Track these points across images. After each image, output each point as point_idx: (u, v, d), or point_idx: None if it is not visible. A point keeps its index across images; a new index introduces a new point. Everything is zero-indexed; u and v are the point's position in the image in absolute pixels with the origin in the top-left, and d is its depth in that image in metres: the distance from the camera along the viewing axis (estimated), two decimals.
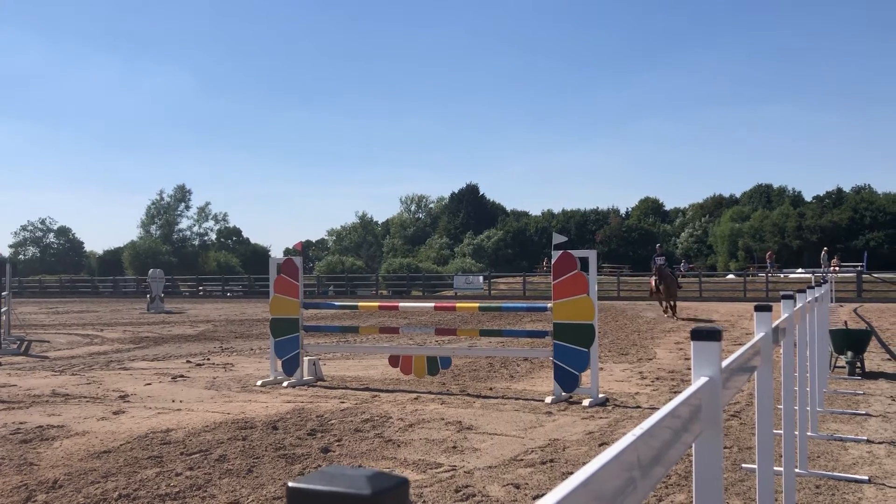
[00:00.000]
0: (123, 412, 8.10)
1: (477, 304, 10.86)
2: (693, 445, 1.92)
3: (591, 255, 8.78)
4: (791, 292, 5.13)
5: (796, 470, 4.96)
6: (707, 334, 1.97)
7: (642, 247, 75.00)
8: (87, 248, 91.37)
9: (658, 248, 24.13)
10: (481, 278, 46.15)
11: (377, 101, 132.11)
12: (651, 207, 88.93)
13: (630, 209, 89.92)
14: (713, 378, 1.96)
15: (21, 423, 7.54)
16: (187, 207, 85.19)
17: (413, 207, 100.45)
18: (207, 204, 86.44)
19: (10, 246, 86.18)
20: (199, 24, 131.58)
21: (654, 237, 77.39)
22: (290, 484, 0.60)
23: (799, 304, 5.41)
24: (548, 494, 0.96)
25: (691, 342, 2.00)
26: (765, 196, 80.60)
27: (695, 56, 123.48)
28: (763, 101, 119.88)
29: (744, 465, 5.58)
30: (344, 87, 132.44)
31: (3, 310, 15.14)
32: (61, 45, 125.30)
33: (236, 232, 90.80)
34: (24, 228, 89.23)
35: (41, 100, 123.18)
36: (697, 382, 1.91)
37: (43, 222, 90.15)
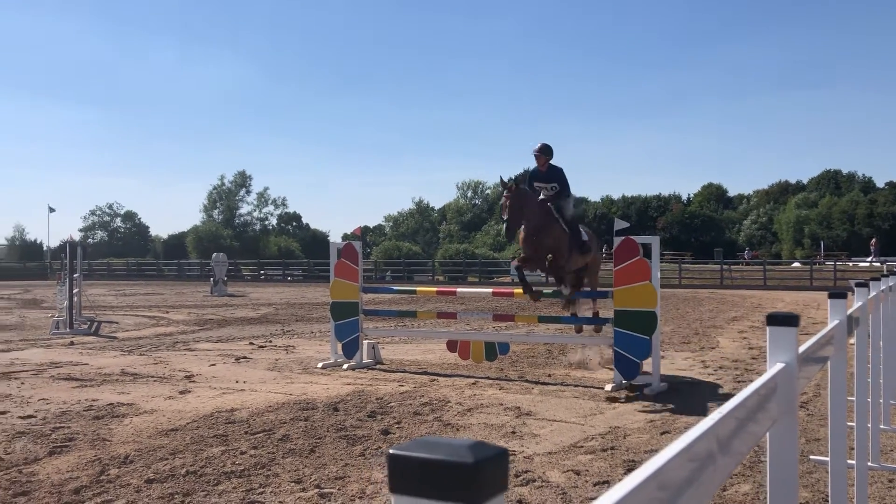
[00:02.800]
0: (189, 392, 8.32)
1: None
2: (767, 434, 1.87)
3: (654, 241, 8.65)
4: (864, 280, 4.95)
5: (868, 463, 4.81)
6: (784, 319, 1.91)
7: (705, 233, 73.58)
8: (153, 232, 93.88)
9: (538, 150, 9.45)
10: None
11: (434, 89, 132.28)
12: (714, 194, 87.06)
13: (692, 195, 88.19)
14: (789, 364, 1.90)
15: (93, 400, 7.81)
16: (248, 192, 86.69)
17: (469, 193, 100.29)
18: (266, 189, 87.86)
19: (80, 230, 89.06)
20: (261, 11, 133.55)
21: (716, 224, 75.79)
22: (392, 451, 0.60)
23: (873, 293, 5.23)
24: (621, 482, 0.94)
25: (767, 327, 1.94)
26: (833, 182, 78.18)
27: (761, 35, 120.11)
28: (833, 83, 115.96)
29: (812, 457, 5.44)
30: (401, 75, 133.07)
31: (74, 291, 15.67)
32: (127, 32, 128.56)
33: (296, 217, 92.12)
34: (92, 213, 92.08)
35: (108, 87, 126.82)
36: (773, 369, 1.85)
37: (111, 207, 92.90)
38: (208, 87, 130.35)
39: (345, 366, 10.08)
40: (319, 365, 10.22)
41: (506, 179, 9.10)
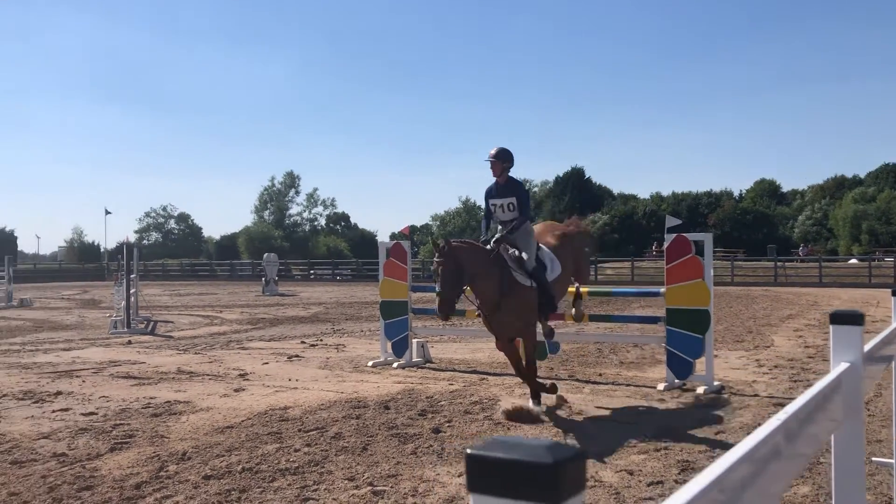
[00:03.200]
0: (243, 390, 8.46)
1: (585, 289, 10.70)
2: (833, 436, 1.83)
3: (707, 238, 8.52)
4: None
5: None
6: (848, 318, 1.87)
7: (757, 230, 72.10)
8: (206, 233, 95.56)
9: (494, 155, 7.56)
10: None
11: (479, 86, 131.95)
12: (767, 189, 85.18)
13: (744, 191, 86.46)
14: (854, 364, 1.86)
15: (151, 398, 8.00)
16: (297, 193, 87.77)
17: None
18: (315, 190, 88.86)
19: (136, 232, 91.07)
20: (308, 10, 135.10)
21: (770, 220, 74.21)
22: (469, 451, 0.60)
23: None
24: (685, 486, 0.92)
25: (830, 326, 1.89)
26: (892, 176, 75.84)
27: (815, 27, 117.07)
28: (890, 74, 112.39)
29: (874, 459, 5.29)
30: (445, 73, 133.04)
31: (131, 291, 16.06)
32: (177, 33, 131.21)
33: (344, 217, 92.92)
34: (147, 215, 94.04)
35: (162, 89, 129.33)
36: (837, 368, 1.81)
37: (164, 209, 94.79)
38: (258, 89, 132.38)
39: (395, 364, 10.14)
40: (370, 363, 10.29)
41: (438, 239, 6.97)
